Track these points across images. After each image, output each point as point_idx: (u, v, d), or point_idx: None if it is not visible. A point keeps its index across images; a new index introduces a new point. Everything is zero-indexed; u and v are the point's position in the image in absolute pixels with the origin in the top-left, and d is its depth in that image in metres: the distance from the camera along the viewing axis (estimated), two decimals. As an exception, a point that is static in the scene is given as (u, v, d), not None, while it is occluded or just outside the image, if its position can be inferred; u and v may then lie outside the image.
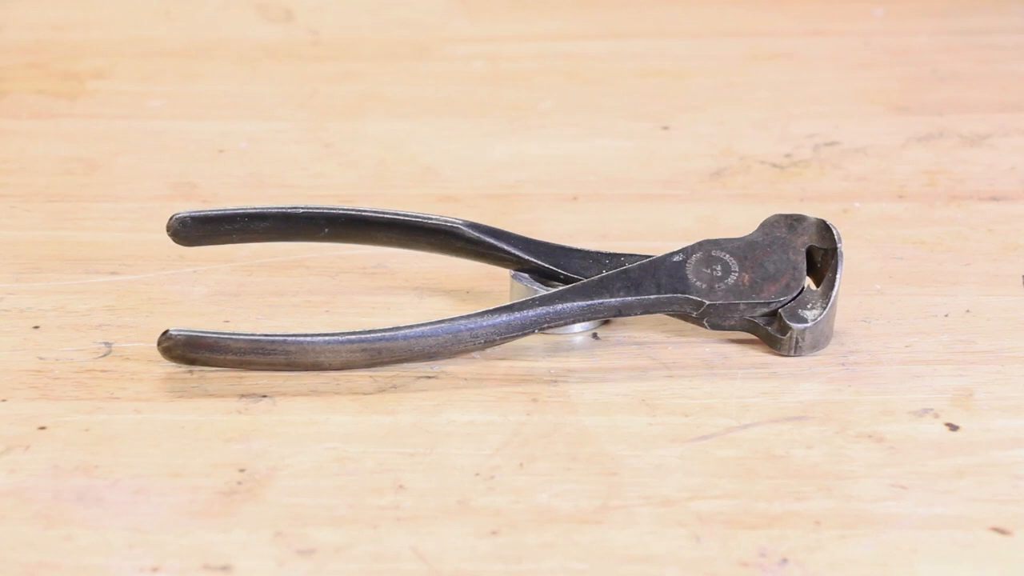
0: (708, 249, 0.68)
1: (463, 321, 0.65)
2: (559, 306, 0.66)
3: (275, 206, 0.70)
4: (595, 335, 0.69)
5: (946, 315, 0.70)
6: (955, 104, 0.92)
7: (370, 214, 0.70)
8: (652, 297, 0.67)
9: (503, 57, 0.98)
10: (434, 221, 0.69)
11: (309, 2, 1.06)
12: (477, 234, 0.69)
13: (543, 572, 0.55)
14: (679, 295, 0.67)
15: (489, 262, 0.70)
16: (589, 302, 0.66)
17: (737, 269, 0.67)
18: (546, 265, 0.69)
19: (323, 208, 0.70)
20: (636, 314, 0.67)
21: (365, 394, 0.64)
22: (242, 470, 0.60)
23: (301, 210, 0.70)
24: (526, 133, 0.89)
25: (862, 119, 0.90)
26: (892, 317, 0.70)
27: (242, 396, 0.64)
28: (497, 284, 0.72)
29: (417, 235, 0.70)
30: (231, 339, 0.64)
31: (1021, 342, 0.68)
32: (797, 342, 0.67)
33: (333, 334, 0.65)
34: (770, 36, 1.02)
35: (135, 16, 1.04)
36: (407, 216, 0.70)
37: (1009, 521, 0.58)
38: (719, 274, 0.67)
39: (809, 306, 0.67)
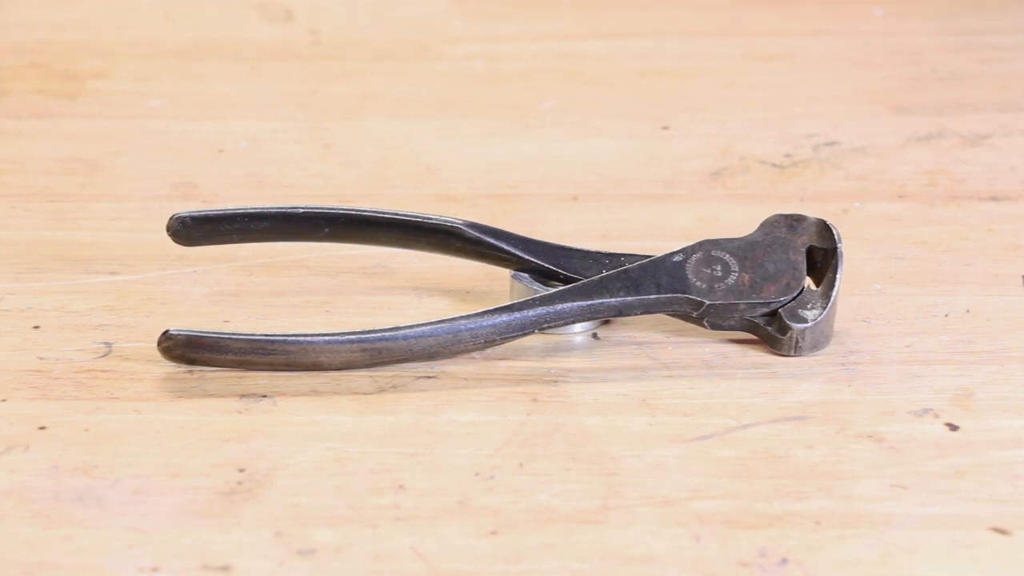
0: (708, 249, 0.68)
1: (463, 321, 0.65)
2: (559, 306, 0.66)
3: (275, 206, 0.70)
4: (595, 335, 0.69)
5: (946, 315, 0.70)
6: (955, 104, 0.92)
7: (370, 214, 0.70)
8: (652, 297, 0.67)
9: (503, 57, 0.98)
10: (434, 221, 0.69)
11: (309, 2, 1.06)
12: (477, 234, 0.69)
13: (543, 572, 0.55)
14: (679, 295, 0.67)
15: (489, 262, 0.70)
16: (589, 302, 0.66)
17: (737, 269, 0.67)
18: (546, 265, 0.69)
19: (323, 208, 0.70)
20: (636, 314, 0.67)
21: (365, 394, 0.64)
22: (242, 470, 0.60)
23: (301, 210, 0.70)
24: (526, 133, 0.88)
25: (862, 119, 0.90)
26: (892, 317, 0.70)
27: (242, 396, 0.64)
28: (497, 284, 0.72)
29: (417, 235, 0.70)
30: (231, 339, 0.64)
31: (1021, 342, 0.68)
32: (797, 342, 0.67)
33: (333, 334, 0.65)
34: (770, 36, 1.02)
35: (135, 16, 1.04)
36: (407, 216, 0.70)
37: (1009, 521, 0.57)
38: (719, 274, 0.67)
39: (809, 306, 0.67)
